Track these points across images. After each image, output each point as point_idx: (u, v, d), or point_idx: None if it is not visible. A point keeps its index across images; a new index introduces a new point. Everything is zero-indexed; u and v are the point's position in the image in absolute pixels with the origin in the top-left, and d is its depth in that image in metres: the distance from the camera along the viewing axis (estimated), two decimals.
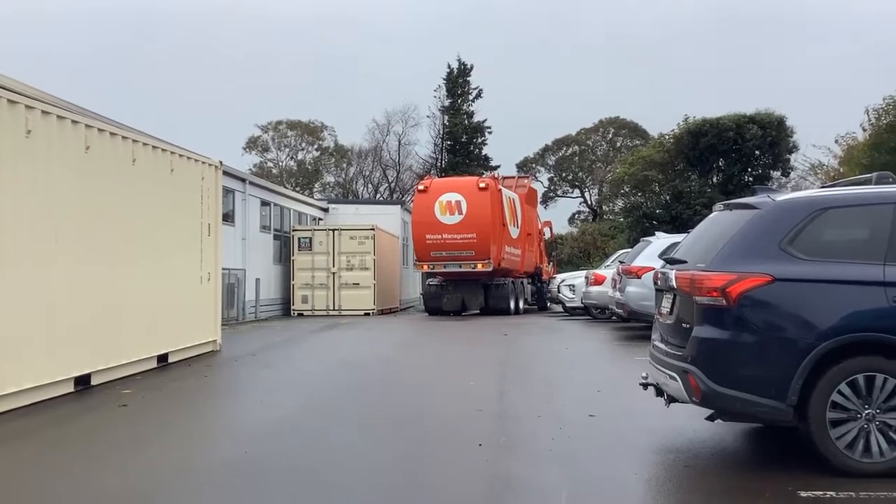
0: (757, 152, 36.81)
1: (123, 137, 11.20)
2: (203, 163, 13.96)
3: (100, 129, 10.51)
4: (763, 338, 5.77)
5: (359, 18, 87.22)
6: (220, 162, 14.81)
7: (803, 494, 5.23)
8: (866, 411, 5.58)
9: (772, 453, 6.65)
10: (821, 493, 5.24)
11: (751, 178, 35.85)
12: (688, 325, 6.09)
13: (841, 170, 32.07)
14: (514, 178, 33.13)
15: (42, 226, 9.21)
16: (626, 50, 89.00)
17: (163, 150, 12.45)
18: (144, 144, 11.80)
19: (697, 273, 6.08)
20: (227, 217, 23.07)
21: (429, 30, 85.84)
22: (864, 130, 30.83)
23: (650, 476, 5.99)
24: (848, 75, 77.81)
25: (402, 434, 7.43)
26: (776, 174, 37.94)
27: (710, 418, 6.29)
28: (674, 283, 6.41)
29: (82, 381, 9.99)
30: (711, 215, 7.13)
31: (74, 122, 9.94)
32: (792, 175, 38.58)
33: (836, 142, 34.71)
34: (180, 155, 13.05)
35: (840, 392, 5.59)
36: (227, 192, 23.24)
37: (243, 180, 26.20)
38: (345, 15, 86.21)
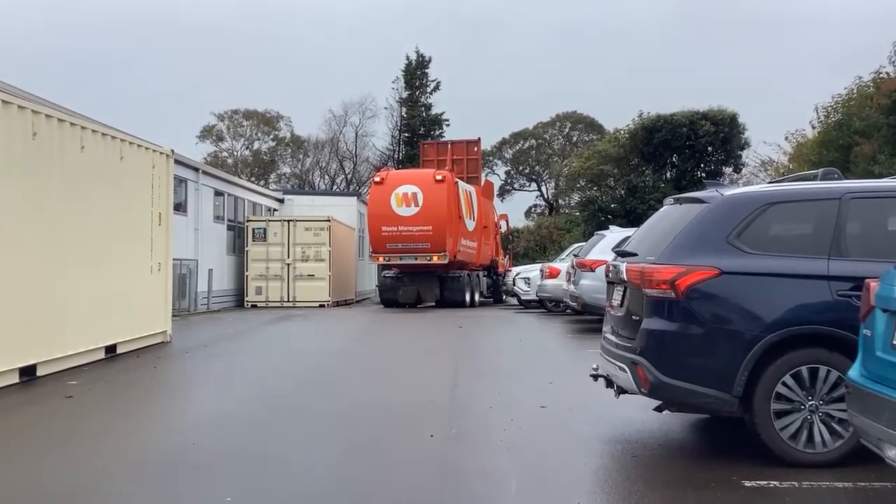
0: (710, 148, 37.16)
1: (72, 124, 10.95)
2: (154, 151, 13.74)
3: (47, 116, 10.26)
4: (710, 330, 5.86)
5: (319, 6, 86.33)
6: (172, 150, 14.60)
7: (747, 484, 5.32)
8: (810, 403, 5.69)
9: (717, 444, 6.76)
10: (765, 482, 5.33)
11: (703, 174, 36.15)
12: (637, 318, 6.16)
13: (790, 166, 32.67)
14: (462, 143, 32.75)
15: None
16: (583, 43, 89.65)
17: (112, 137, 12.22)
18: (94, 131, 11.56)
19: (647, 266, 6.15)
20: (180, 207, 22.74)
21: (389, 20, 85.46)
22: (814, 128, 31.41)
23: (598, 466, 6.05)
24: (798, 74, 79.29)
25: (354, 425, 7.41)
26: (728, 170, 38.42)
27: (659, 409, 6.39)
28: (624, 276, 6.48)
29: (27, 373, 9.78)
30: (662, 209, 7.22)
31: (21, 107, 9.69)
32: (743, 171, 39.16)
33: (787, 139, 35.34)
34: (130, 142, 12.81)
35: (784, 384, 5.70)
36: (180, 181, 22.92)
37: (196, 169, 25.84)
38: (304, 5, 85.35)
